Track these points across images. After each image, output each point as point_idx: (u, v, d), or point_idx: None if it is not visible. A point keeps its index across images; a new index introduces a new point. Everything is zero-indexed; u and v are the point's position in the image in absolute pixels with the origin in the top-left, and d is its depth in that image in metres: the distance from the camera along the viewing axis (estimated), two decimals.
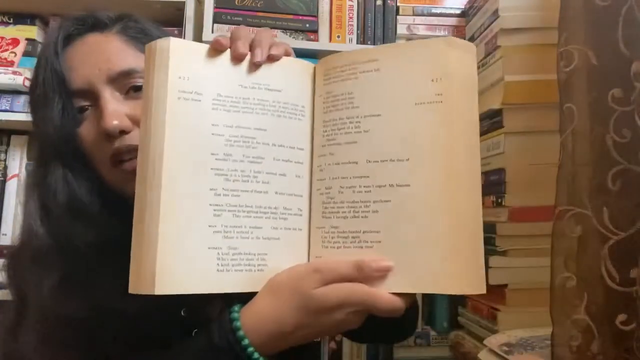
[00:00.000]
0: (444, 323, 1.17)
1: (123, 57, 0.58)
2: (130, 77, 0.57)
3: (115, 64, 0.57)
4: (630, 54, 0.60)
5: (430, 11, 1.20)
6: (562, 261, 0.64)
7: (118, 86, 0.57)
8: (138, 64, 0.57)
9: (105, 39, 0.59)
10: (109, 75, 0.57)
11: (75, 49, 0.59)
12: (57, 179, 0.57)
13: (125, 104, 0.57)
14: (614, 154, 0.61)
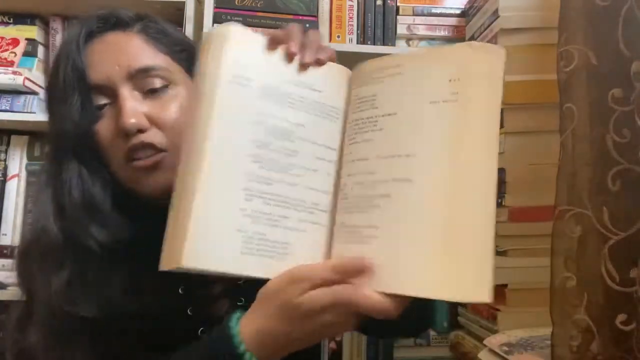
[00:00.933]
0: (444, 323, 1.17)
1: (143, 55, 0.59)
2: (148, 74, 0.58)
3: (135, 61, 0.58)
4: (630, 54, 0.60)
5: (430, 11, 1.20)
6: (562, 261, 0.64)
7: (137, 84, 0.58)
8: (156, 62, 0.59)
9: (126, 37, 0.60)
10: (129, 72, 0.57)
11: (96, 46, 0.59)
12: (72, 176, 0.57)
13: (144, 103, 0.58)
14: (614, 154, 0.61)
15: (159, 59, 0.60)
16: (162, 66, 0.59)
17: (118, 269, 0.57)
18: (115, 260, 0.57)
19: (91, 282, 0.56)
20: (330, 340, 1.13)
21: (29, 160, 1.17)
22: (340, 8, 1.18)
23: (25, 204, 1.15)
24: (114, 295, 0.55)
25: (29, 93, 1.11)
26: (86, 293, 0.55)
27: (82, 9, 1.16)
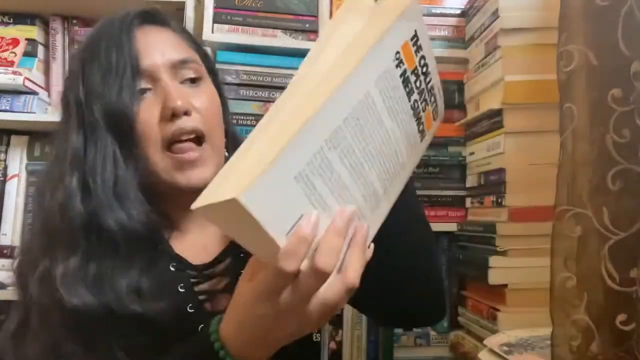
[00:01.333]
0: (444, 323, 1.17)
1: (181, 48, 0.65)
2: (187, 65, 0.63)
3: (177, 52, 0.63)
4: (630, 54, 0.60)
5: (430, 11, 1.20)
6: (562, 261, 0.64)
7: (176, 74, 0.62)
8: (192, 56, 0.65)
9: (164, 31, 0.66)
10: (172, 62, 0.62)
11: (139, 36, 0.63)
12: (107, 156, 0.58)
13: (184, 90, 0.62)
14: (614, 154, 0.61)
15: (192, 53, 0.66)
16: (197, 59, 0.66)
17: (131, 265, 0.56)
18: (130, 254, 0.56)
19: (102, 272, 0.55)
20: (330, 341, 1.13)
21: (29, 160, 1.17)
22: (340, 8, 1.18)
23: (25, 204, 1.15)
24: (118, 293, 0.55)
25: (29, 93, 1.11)
26: (92, 283, 0.54)
27: (82, 9, 1.17)
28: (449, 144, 1.18)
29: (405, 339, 1.16)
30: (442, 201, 1.17)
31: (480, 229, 1.02)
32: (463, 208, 1.16)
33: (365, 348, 1.14)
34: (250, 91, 1.13)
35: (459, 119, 1.17)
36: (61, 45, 1.19)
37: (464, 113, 1.17)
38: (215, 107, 0.65)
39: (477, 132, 1.09)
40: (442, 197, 1.17)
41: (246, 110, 1.12)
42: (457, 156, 1.17)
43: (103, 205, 0.56)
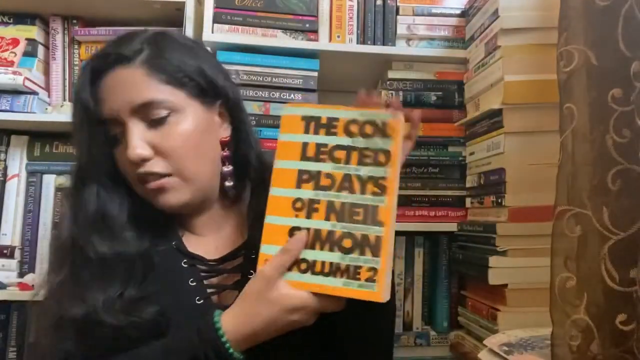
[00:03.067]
0: (444, 323, 1.17)
1: (145, 89, 0.63)
2: (151, 107, 0.63)
3: (138, 97, 0.63)
4: (630, 54, 0.60)
5: (430, 11, 1.20)
6: (562, 261, 0.64)
7: (141, 116, 0.63)
8: (158, 95, 0.63)
9: (129, 73, 0.64)
10: (132, 107, 0.63)
11: (104, 82, 0.65)
12: (91, 193, 0.65)
13: (149, 132, 0.63)
14: (614, 154, 0.61)
15: (161, 90, 0.64)
16: (163, 98, 0.64)
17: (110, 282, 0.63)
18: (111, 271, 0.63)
19: (81, 286, 0.62)
20: None
21: (29, 160, 1.17)
22: (340, 8, 1.18)
23: (25, 204, 1.15)
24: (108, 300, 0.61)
25: (29, 93, 1.10)
26: (73, 295, 0.62)
27: (82, 9, 1.17)
28: (449, 144, 1.18)
29: (405, 339, 1.16)
30: (442, 201, 1.17)
31: (480, 229, 1.02)
32: (463, 208, 1.16)
33: None
34: (250, 91, 1.13)
35: (459, 119, 1.17)
36: (61, 45, 1.18)
37: (464, 113, 1.17)
38: (188, 140, 0.65)
39: (477, 132, 1.09)
40: (442, 197, 1.17)
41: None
42: (457, 156, 1.17)
43: (82, 231, 0.64)
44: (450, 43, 1.20)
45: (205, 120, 0.67)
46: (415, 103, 1.18)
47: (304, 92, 1.14)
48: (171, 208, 0.66)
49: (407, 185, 1.16)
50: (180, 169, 0.64)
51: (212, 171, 0.69)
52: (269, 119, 1.12)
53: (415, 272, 1.19)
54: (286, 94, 1.14)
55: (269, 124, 1.12)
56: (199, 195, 0.68)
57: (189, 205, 0.68)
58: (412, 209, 1.16)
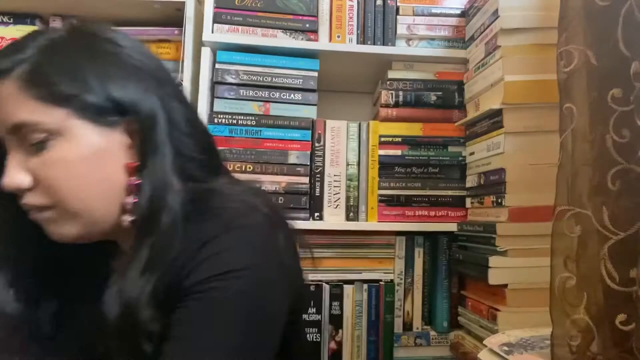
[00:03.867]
0: (444, 323, 1.17)
1: (15, 108, 0.52)
2: (24, 130, 0.52)
3: (8, 117, 0.52)
4: (630, 54, 0.60)
5: (430, 11, 1.20)
6: (562, 261, 0.64)
7: (19, 139, 0.52)
8: (30, 116, 0.51)
9: (3, 87, 0.52)
10: (5, 129, 0.52)
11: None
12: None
13: (29, 159, 0.53)
14: (613, 154, 0.61)
15: (34, 109, 0.51)
16: (36, 119, 0.51)
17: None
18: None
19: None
20: (330, 340, 1.13)
21: None
22: (340, 8, 1.18)
23: None
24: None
25: None
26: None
27: (82, 9, 1.17)
28: (449, 144, 1.18)
29: (405, 339, 1.16)
30: (442, 201, 1.17)
31: (480, 229, 1.02)
32: (463, 208, 1.16)
33: (365, 348, 1.14)
34: (250, 91, 1.13)
35: (459, 119, 1.17)
36: None
37: (464, 113, 1.17)
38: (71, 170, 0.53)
39: (477, 132, 1.09)
40: (442, 197, 1.17)
41: (246, 110, 1.12)
42: (457, 156, 1.18)
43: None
44: (450, 43, 1.20)
45: (99, 143, 0.53)
46: (415, 103, 1.19)
47: (304, 92, 1.14)
48: (63, 240, 0.55)
49: (407, 185, 1.16)
50: (61, 202, 0.53)
51: (108, 204, 0.55)
52: (269, 119, 1.12)
53: (415, 272, 1.19)
54: (286, 94, 1.14)
55: (269, 124, 1.12)
56: (96, 228, 0.55)
57: (86, 238, 0.56)
58: (412, 209, 1.16)
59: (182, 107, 0.58)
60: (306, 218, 1.12)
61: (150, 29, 1.16)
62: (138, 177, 0.54)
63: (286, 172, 1.12)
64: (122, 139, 0.55)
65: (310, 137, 1.14)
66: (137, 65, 0.56)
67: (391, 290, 1.16)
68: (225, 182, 0.60)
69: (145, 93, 0.55)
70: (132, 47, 0.58)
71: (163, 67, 0.60)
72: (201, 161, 0.58)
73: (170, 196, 0.53)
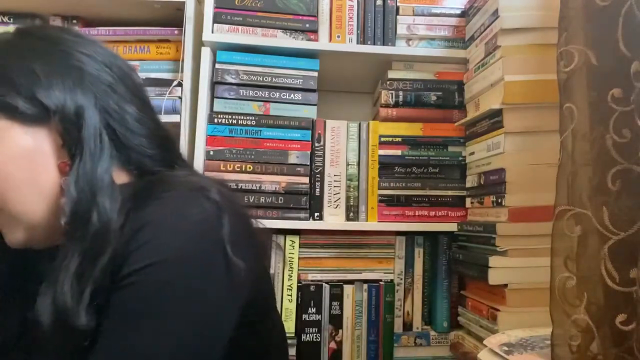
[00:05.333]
0: (444, 323, 1.17)
1: None
2: None
3: None
4: (630, 54, 0.60)
5: (430, 11, 1.20)
6: (562, 261, 0.64)
7: None
8: None
9: None
10: None
11: None
12: None
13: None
14: (614, 154, 0.61)
15: None
16: None
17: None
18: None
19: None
20: (330, 340, 1.13)
21: None
22: (340, 8, 1.18)
23: None
24: None
25: None
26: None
27: (82, 9, 1.17)
28: (449, 144, 1.18)
29: (405, 339, 1.16)
30: (442, 201, 1.17)
31: (480, 229, 1.02)
32: (463, 208, 1.16)
33: (365, 348, 1.14)
34: (250, 91, 1.13)
35: (459, 119, 1.17)
36: None
37: (464, 113, 1.17)
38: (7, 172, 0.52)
39: (477, 132, 1.09)
40: (442, 197, 1.17)
41: (246, 110, 1.12)
42: (457, 156, 1.18)
43: None
44: (450, 43, 1.20)
45: (28, 144, 0.53)
46: (415, 103, 1.19)
47: (304, 92, 1.14)
48: (15, 246, 0.55)
49: (407, 185, 1.16)
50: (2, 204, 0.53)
51: (45, 205, 0.53)
52: (269, 119, 1.12)
53: (415, 272, 1.19)
54: (286, 94, 1.14)
55: (269, 124, 1.12)
56: (38, 232, 0.54)
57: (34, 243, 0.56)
58: (412, 209, 1.16)
59: (131, 104, 0.57)
60: (306, 218, 1.12)
61: (150, 28, 1.16)
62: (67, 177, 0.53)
63: (286, 172, 1.12)
64: (53, 139, 0.54)
65: (310, 137, 1.14)
66: (75, 65, 0.55)
67: (391, 290, 1.16)
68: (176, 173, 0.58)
69: (73, 93, 0.54)
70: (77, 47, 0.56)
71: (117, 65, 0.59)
72: (152, 156, 0.58)
73: (102, 196, 0.51)
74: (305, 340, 1.11)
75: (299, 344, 1.11)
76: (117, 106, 0.56)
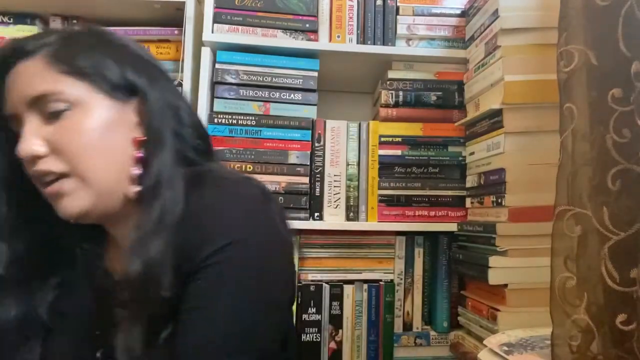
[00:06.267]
0: (444, 323, 1.17)
1: (40, 80, 0.58)
2: (46, 100, 0.57)
3: (33, 89, 0.57)
4: (630, 54, 0.60)
5: (430, 11, 1.20)
6: (562, 261, 0.64)
7: (38, 110, 0.58)
8: (56, 86, 0.57)
9: (28, 65, 0.59)
10: (27, 100, 0.57)
11: (8, 77, 0.60)
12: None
13: (45, 128, 0.57)
14: (614, 154, 0.61)
15: (59, 81, 0.58)
16: (60, 89, 0.57)
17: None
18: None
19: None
20: (330, 340, 1.13)
21: None
22: (340, 8, 1.18)
23: None
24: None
25: None
26: None
27: (82, 9, 1.17)
28: (449, 144, 1.18)
29: (405, 339, 1.16)
30: (442, 201, 1.17)
31: (480, 229, 1.02)
32: (463, 208, 1.16)
33: (365, 348, 1.14)
34: (250, 91, 1.13)
35: (459, 119, 1.17)
36: None
37: (464, 113, 1.17)
38: (88, 137, 0.58)
39: (477, 132, 1.09)
40: (442, 197, 1.17)
41: (246, 110, 1.12)
42: (457, 156, 1.18)
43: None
44: (450, 43, 1.20)
45: (111, 116, 0.59)
46: (415, 103, 1.19)
47: (304, 92, 1.14)
48: (71, 217, 0.59)
49: (407, 185, 1.16)
50: (76, 167, 0.57)
51: (118, 173, 0.59)
52: (269, 118, 1.12)
53: (415, 272, 1.19)
54: (286, 94, 1.14)
55: (269, 124, 1.12)
56: (101, 202, 0.59)
57: (90, 215, 0.60)
58: (412, 209, 1.16)
59: (180, 99, 0.66)
60: (306, 218, 1.12)
61: (150, 29, 1.16)
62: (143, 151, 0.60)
63: (286, 172, 1.12)
64: (132, 117, 0.61)
65: (310, 137, 1.14)
66: (145, 58, 0.65)
67: (391, 290, 1.16)
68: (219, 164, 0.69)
69: (151, 81, 0.62)
70: (137, 45, 0.67)
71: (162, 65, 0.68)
72: (195, 147, 0.65)
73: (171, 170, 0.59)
74: (305, 340, 1.11)
75: (299, 344, 1.11)
76: (174, 97, 0.64)
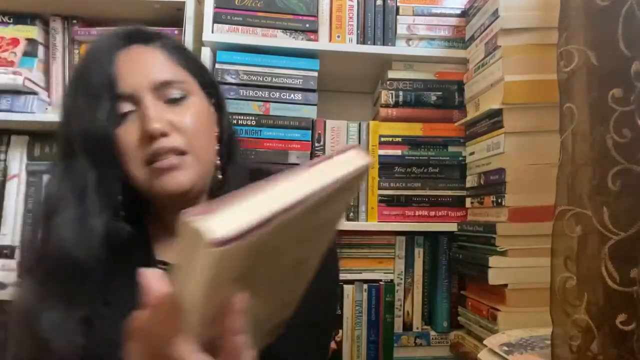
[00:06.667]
0: (444, 323, 1.17)
1: (165, 68, 0.65)
2: (170, 86, 0.64)
3: (159, 74, 0.64)
4: (630, 54, 0.60)
5: (430, 11, 1.20)
6: (562, 261, 0.64)
7: (159, 94, 0.64)
8: (176, 76, 0.66)
9: (149, 51, 0.66)
10: (154, 84, 0.63)
11: (122, 57, 0.64)
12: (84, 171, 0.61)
13: (167, 111, 0.63)
14: (614, 154, 0.61)
15: (178, 72, 0.67)
16: (181, 79, 0.66)
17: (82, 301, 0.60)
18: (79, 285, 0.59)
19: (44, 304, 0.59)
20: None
21: (29, 160, 1.17)
22: (340, 8, 1.18)
23: (25, 204, 1.15)
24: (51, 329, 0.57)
25: (29, 93, 1.11)
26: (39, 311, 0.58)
27: (82, 9, 1.17)
28: (449, 144, 1.18)
29: (405, 339, 1.16)
30: (442, 201, 1.17)
31: (480, 229, 1.02)
32: (463, 208, 1.16)
33: (365, 348, 1.14)
34: (250, 91, 1.13)
35: (459, 119, 1.17)
36: (61, 45, 1.19)
37: (464, 113, 1.17)
38: (200, 122, 0.66)
39: (477, 132, 1.09)
40: (442, 197, 1.17)
41: (246, 110, 1.12)
42: (457, 156, 1.18)
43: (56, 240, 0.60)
44: (450, 43, 1.20)
45: (207, 110, 0.70)
46: (415, 103, 1.19)
47: (304, 92, 1.14)
48: (178, 188, 0.62)
49: (407, 185, 1.16)
50: (195, 147, 0.64)
51: (213, 157, 0.69)
52: (269, 118, 1.12)
53: (415, 272, 1.19)
54: (286, 94, 1.14)
55: (269, 124, 1.12)
56: (201, 179, 0.66)
57: (192, 190, 0.64)
58: (412, 209, 1.16)
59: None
60: None
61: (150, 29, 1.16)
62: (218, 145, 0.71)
63: None
64: (213, 115, 0.72)
65: (310, 137, 1.14)
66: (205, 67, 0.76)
67: (391, 290, 1.16)
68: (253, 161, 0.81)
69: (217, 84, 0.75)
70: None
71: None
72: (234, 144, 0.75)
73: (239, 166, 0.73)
74: None
75: None
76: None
